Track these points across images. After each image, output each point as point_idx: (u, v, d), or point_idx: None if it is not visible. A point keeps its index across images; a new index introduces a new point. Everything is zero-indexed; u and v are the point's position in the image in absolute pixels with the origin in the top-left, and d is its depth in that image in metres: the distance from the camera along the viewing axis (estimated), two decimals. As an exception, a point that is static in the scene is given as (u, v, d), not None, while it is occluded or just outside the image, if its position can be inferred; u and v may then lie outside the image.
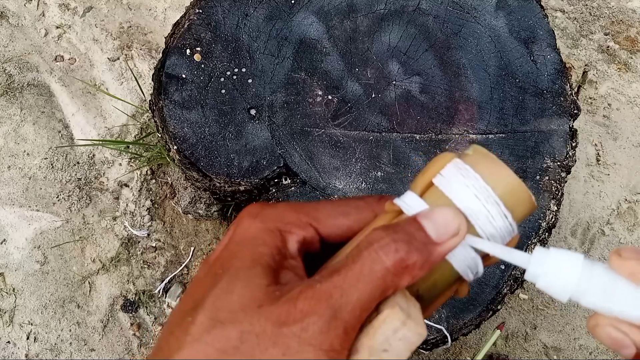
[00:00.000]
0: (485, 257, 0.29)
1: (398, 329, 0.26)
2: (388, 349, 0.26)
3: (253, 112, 0.79)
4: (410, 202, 0.28)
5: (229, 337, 0.24)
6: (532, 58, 0.81)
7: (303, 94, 0.80)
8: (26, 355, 1.05)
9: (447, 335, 0.74)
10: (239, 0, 0.80)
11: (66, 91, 1.19)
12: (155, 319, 1.06)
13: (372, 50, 0.81)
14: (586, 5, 1.24)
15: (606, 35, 1.22)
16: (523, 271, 0.78)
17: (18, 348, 1.05)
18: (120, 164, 1.14)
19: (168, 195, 1.11)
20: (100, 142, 1.12)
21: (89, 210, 1.11)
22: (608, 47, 1.21)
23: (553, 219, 0.78)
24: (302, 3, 0.81)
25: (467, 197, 0.28)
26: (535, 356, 1.05)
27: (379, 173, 0.78)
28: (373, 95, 0.80)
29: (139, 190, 1.11)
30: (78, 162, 1.14)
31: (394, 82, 0.80)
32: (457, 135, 0.78)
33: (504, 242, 0.29)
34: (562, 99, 0.80)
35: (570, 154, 0.79)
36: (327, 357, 0.24)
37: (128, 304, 1.06)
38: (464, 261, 0.28)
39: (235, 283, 0.26)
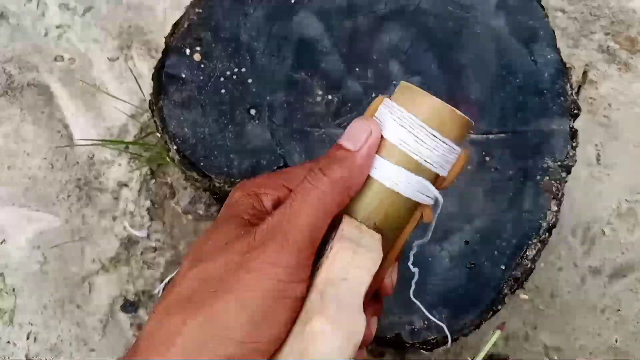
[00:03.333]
0: (435, 179, 0.32)
1: (352, 258, 0.29)
2: (347, 277, 0.29)
3: (253, 112, 0.79)
4: None
5: (206, 269, 0.30)
6: (532, 58, 0.81)
7: (303, 94, 0.80)
8: (26, 355, 1.05)
9: (448, 335, 0.74)
10: (239, 0, 0.80)
11: (66, 91, 1.19)
12: (155, 319, 1.06)
13: (372, 50, 0.81)
14: (587, 5, 1.24)
15: (607, 35, 1.22)
16: (523, 271, 0.78)
17: (18, 348, 1.05)
18: (120, 164, 1.14)
19: (168, 195, 1.11)
20: (100, 142, 1.12)
21: (89, 210, 1.11)
22: (608, 47, 1.21)
23: (553, 219, 0.78)
24: (302, 3, 0.80)
25: (396, 130, 0.31)
26: (535, 356, 1.05)
27: (379, 173, 0.78)
28: (373, 95, 0.80)
29: (138, 190, 1.11)
30: (78, 162, 1.14)
31: (394, 82, 0.80)
32: (457, 135, 0.78)
33: (450, 162, 0.32)
34: (562, 99, 0.80)
35: (571, 154, 0.79)
36: (285, 273, 0.29)
37: (128, 304, 1.06)
38: (408, 185, 0.31)
39: (212, 233, 0.33)
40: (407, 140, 0.31)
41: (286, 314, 0.29)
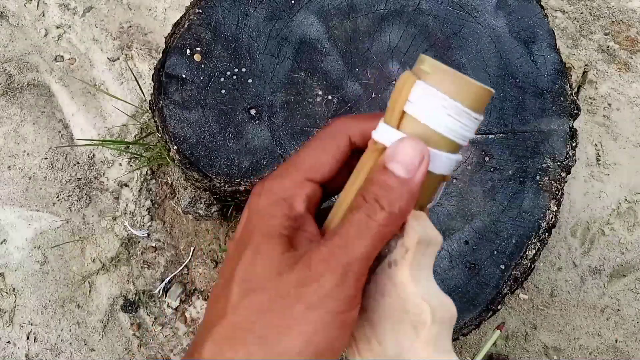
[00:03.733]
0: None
1: (428, 244, 0.32)
2: (422, 258, 0.32)
3: (253, 112, 0.79)
4: (390, 138, 0.31)
5: (261, 300, 0.30)
6: (532, 58, 0.81)
7: (303, 94, 0.80)
8: (26, 355, 1.05)
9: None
10: (239, 0, 0.80)
11: (66, 91, 1.19)
12: (155, 319, 1.06)
13: (372, 50, 0.81)
14: (586, 5, 1.24)
15: (606, 35, 1.22)
16: (523, 271, 0.78)
17: (18, 348, 1.05)
18: (120, 164, 1.14)
19: (168, 195, 1.11)
20: (100, 142, 1.12)
21: (89, 210, 1.11)
22: (608, 47, 1.21)
23: (553, 219, 0.78)
24: (302, 3, 0.81)
25: (441, 119, 0.30)
26: (535, 356, 1.05)
27: (379, 173, 0.78)
28: (373, 95, 0.80)
29: (139, 190, 1.11)
30: (78, 162, 1.14)
31: (394, 82, 0.80)
32: (457, 135, 0.78)
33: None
34: (562, 99, 0.80)
35: (570, 154, 0.79)
36: (345, 304, 0.29)
37: (128, 304, 1.06)
38: (448, 166, 0.32)
39: (257, 257, 0.31)
40: (453, 127, 0.30)
41: (347, 337, 0.30)
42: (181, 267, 1.08)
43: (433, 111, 0.30)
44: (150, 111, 0.86)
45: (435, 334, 0.30)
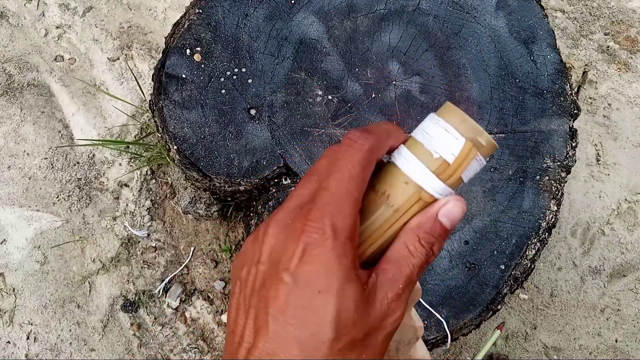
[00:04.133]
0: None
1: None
2: None
3: (253, 112, 0.79)
4: (439, 191, 0.35)
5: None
6: (532, 58, 0.81)
7: (303, 94, 0.80)
8: (26, 355, 1.05)
9: (448, 333, 0.74)
10: (239, 0, 0.80)
11: (66, 91, 1.19)
12: (155, 319, 1.06)
13: (372, 50, 0.81)
14: (586, 5, 1.24)
15: (606, 35, 1.22)
16: (523, 271, 0.78)
17: (18, 348, 1.05)
18: (120, 164, 1.14)
19: (168, 195, 1.11)
20: (100, 142, 1.12)
21: (89, 210, 1.11)
22: (608, 47, 1.21)
23: (553, 219, 0.78)
24: (302, 3, 0.81)
25: (475, 174, 0.35)
26: (535, 356, 1.05)
27: (379, 173, 0.78)
28: (373, 95, 0.80)
29: (139, 190, 1.11)
30: (78, 162, 1.14)
31: (394, 82, 0.80)
32: (457, 135, 0.78)
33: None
34: (562, 99, 0.80)
35: (570, 154, 0.79)
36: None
37: (128, 304, 1.06)
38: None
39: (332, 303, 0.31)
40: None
41: None
42: (181, 267, 1.08)
43: (474, 172, 0.35)
44: (150, 111, 0.86)
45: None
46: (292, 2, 0.81)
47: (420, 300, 0.44)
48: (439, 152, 0.33)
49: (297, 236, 0.31)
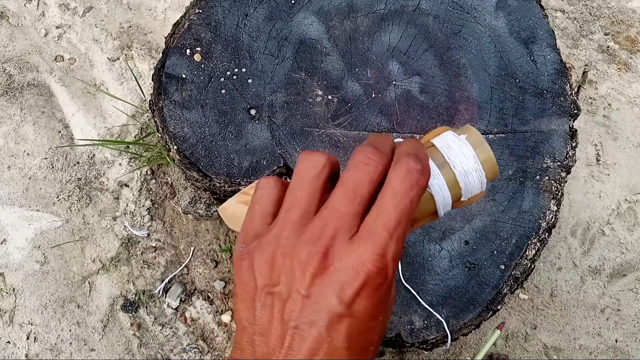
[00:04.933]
0: (456, 202, 0.40)
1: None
2: None
3: (253, 112, 0.79)
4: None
5: None
6: (532, 58, 0.81)
7: (303, 94, 0.80)
8: (26, 355, 1.05)
9: (448, 333, 0.74)
10: (239, 0, 0.80)
11: (66, 91, 1.19)
12: (155, 319, 1.06)
13: (372, 50, 0.81)
14: (586, 5, 1.24)
15: (606, 35, 1.22)
16: (523, 271, 0.78)
17: (18, 348, 1.05)
18: (120, 164, 1.14)
19: (168, 195, 1.11)
20: (100, 142, 1.12)
21: (89, 210, 1.11)
22: (608, 47, 1.21)
23: (553, 219, 0.78)
24: (302, 3, 0.81)
25: (457, 155, 0.38)
26: (535, 356, 1.05)
27: (379, 173, 0.78)
28: (373, 95, 0.80)
29: (139, 190, 1.11)
30: (78, 162, 1.14)
31: (394, 82, 0.80)
32: (457, 135, 0.78)
33: (475, 192, 0.39)
34: (562, 99, 0.80)
35: (570, 154, 0.79)
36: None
37: (128, 304, 1.06)
38: (440, 200, 0.38)
39: None
40: (465, 170, 0.38)
41: None
42: (181, 267, 1.08)
43: (456, 149, 0.39)
44: (150, 111, 0.86)
45: None
46: (292, 2, 0.81)
47: (420, 300, 0.44)
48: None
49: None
